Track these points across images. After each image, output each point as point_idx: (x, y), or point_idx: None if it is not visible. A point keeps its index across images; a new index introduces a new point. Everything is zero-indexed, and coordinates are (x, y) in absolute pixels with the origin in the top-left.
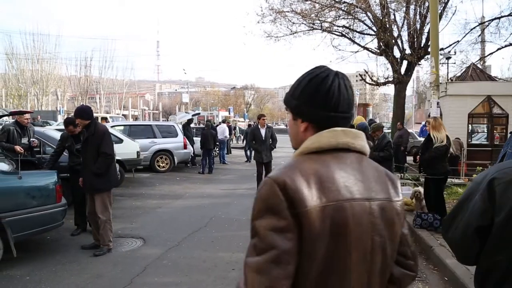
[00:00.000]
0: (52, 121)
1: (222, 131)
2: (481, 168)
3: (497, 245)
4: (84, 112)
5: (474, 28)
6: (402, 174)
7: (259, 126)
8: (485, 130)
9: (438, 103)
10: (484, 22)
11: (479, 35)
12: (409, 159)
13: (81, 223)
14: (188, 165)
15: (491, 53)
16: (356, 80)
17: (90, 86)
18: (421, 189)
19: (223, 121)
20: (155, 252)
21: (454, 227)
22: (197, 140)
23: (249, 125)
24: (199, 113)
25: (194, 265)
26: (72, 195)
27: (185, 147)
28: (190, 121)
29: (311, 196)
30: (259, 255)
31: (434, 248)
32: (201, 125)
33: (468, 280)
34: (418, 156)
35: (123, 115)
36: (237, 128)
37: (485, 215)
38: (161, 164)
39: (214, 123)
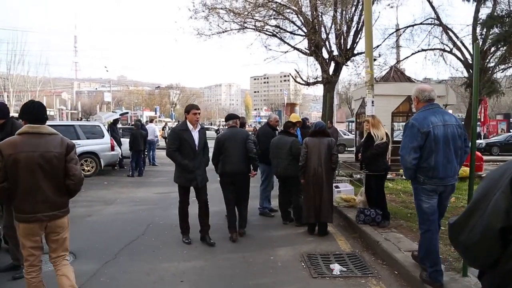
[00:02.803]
0: None
1: (152, 131)
2: None
3: None
4: None
5: (392, 34)
6: (336, 172)
7: (188, 125)
8: (403, 128)
9: (373, 102)
10: (400, 29)
11: (396, 40)
12: (340, 156)
13: None
14: (116, 168)
15: (407, 57)
16: (281, 81)
17: None
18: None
19: (151, 121)
20: (90, 268)
21: (469, 230)
22: (124, 141)
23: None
24: (127, 113)
25: (138, 280)
26: None
27: (112, 148)
28: (116, 121)
29: (7, 151)
30: None
31: (380, 243)
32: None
33: (416, 272)
34: (360, 154)
35: None
36: (167, 128)
37: (510, 214)
38: (85, 168)
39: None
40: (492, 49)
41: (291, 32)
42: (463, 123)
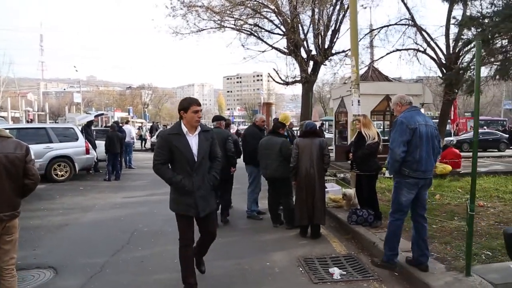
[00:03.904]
0: None
1: (128, 132)
2: (387, 161)
3: None
4: None
5: (367, 34)
6: None
7: (183, 127)
8: (382, 126)
9: (359, 101)
10: (375, 29)
11: (371, 40)
12: None
13: None
14: (91, 172)
15: (382, 57)
16: (254, 80)
17: None
18: (350, 191)
19: (127, 122)
20: (74, 284)
21: None
22: (99, 143)
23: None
24: (102, 114)
25: None
26: None
27: (87, 151)
28: (90, 123)
29: None
30: None
31: (376, 244)
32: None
33: (419, 273)
34: (351, 154)
35: (1, 117)
36: (144, 129)
37: None
38: (59, 173)
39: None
40: (466, 48)
41: (269, 31)
42: (437, 120)
